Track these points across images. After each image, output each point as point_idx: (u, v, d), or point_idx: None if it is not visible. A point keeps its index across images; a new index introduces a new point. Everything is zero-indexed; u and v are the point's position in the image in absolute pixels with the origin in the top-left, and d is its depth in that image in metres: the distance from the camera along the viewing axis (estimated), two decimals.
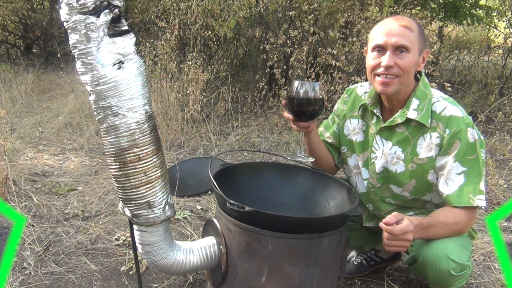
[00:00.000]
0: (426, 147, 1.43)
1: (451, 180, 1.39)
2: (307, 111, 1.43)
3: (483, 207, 1.41)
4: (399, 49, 1.36)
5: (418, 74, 1.49)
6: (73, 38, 1.08)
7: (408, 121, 1.45)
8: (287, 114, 1.46)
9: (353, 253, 1.93)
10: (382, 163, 1.52)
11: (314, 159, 1.54)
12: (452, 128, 1.38)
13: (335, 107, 1.73)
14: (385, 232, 1.24)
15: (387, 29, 1.39)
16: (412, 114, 1.43)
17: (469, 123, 1.39)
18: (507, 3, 5.98)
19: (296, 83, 1.40)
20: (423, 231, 1.31)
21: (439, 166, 1.42)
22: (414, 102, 1.44)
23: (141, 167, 1.18)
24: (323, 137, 1.71)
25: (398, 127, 1.48)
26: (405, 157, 1.48)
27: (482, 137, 1.42)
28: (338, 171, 1.81)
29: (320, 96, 1.40)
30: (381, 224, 1.24)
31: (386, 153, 1.51)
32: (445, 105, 1.42)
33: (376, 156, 1.54)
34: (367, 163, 1.60)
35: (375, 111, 1.53)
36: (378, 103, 1.54)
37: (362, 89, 1.62)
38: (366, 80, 1.62)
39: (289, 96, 1.43)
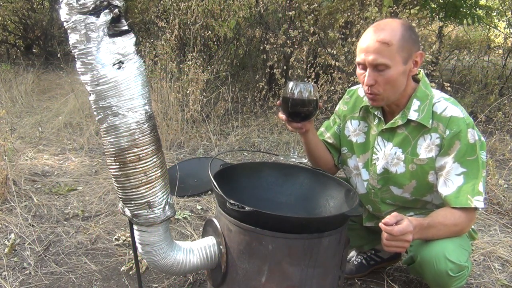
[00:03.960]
0: (426, 147, 1.43)
1: (450, 181, 1.39)
2: (301, 112, 1.42)
3: (480, 209, 1.40)
4: (378, 67, 1.35)
5: (418, 75, 1.49)
6: (73, 38, 1.08)
7: (408, 121, 1.45)
8: (281, 115, 1.46)
9: (353, 253, 1.93)
10: (382, 164, 1.52)
11: (307, 160, 1.53)
12: (452, 129, 1.37)
13: (337, 107, 1.72)
14: (384, 232, 1.24)
15: (365, 45, 1.36)
16: (413, 115, 1.43)
17: (469, 123, 1.38)
18: (507, 3, 5.98)
19: (291, 84, 1.39)
20: (423, 231, 1.31)
21: (439, 166, 1.42)
22: (415, 103, 1.44)
23: (141, 167, 1.18)
24: (323, 137, 1.71)
25: (399, 128, 1.48)
26: (405, 158, 1.47)
27: (482, 138, 1.42)
28: (339, 171, 1.81)
29: (314, 97, 1.39)
30: (380, 224, 1.24)
31: (386, 154, 1.51)
32: (446, 105, 1.41)
33: (377, 157, 1.54)
34: (367, 164, 1.59)
35: (376, 112, 1.53)
36: None
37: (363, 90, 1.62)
38: None
39: (283, 96, 1.42)
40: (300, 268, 1.23)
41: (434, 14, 4.95)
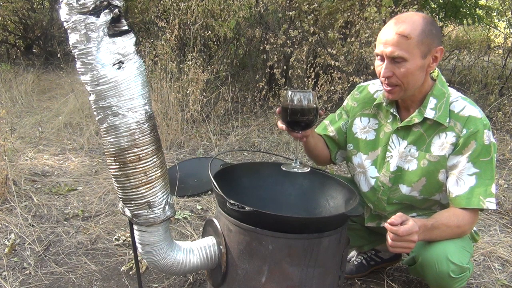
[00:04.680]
0: (440, 145, 1.42)
1: (462, 180, 1.38)
2: (301, 121, 1.37)
3: (490, 210, 1.38)
4: (395, 59, 1.33)
5: (432, 73, 1.46)
6: (73, 38, 1.08)
7: (424, 119, 1.43)
8: (280, 124, 1.40)
9: (353, 253, 1.93)
10: (396, 162, 1.50)
11: (309, 169, 1.48)
12: (469, 128, 1.36)
13: (345, 103, 1.69)
14: (390, 232, 1.22)
15: (384, 37, 1.35)
16: (429, 113, 1.41)
17: (486, 125, 1.37)
18: (507, 3, 5.98)
19: (289, 93, 1.35)
20: (427, 232, 1.30)
21: (451, 165, 1.41)
22: (432, 101, 1.42)
23: (141, 167, 1.18)
24: (326, 131, 1.68)
25: (415, 126, 1.46)
26: (419, 155, 1.46)
27: (495, 140, 1.41)
28: (343, 169, 1.80)
29: (314, 105, 1.35)
30: (386, 225, 1.23)
31: (401, 152, 1.49)
32: (464, 104, 1.40)
33: (391, 155, 1.52)
34: (376, 162, 1.57)
35: (391, 110, 1.50)
36: (394, 102, 1.51)
37: (374, 87, 1.60)
38: (366, 80, 1.62)
39: (282, 106, 1.37)
40: (300, 268, 1.23)
41: (434, 14, 4.95)
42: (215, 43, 4.76)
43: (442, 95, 1.42)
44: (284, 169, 1.44)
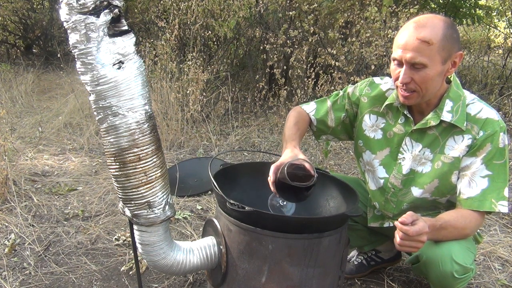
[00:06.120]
0: (456, 148, 1.40)
1: (474, 182, 1.37)
2: (301, 199, 1.31)
3: (502, 213, 1.36)
4: (415, 65, 1.29)
5: (449, 76, 1.45)
6: (73, 38, 1.08)
7: (440, 122, 1.41)
8: (273, 188, 1.32)
9: (353, 253, 1.93)
10: (409, 164, 1.48)
11: (294, 211, 1.39)
12: (487, 131, 1.35)
13: (350, 90, 1.62)
14: (400, 231, 1.20)
15: (404, 41, 1.29)
16: (446, 116, 1.39)
17: (502, 127, 1.36)
18: (507, 3, 5.98)
19: (287, 167, 1.27)
20: (434, 232, 1.28)
21: (463, 166, 1.39)
22: (448, 104, 1.40)
23: (141, 167, 1.18)
24: (325, 117, 1.61)
25: (430, 129, 1.44)
26: (433, 157, 1.44)
27: (508, 143, 1.40)
28: (343, 169, 1.80)
29: (314, 182, 1.26)
30: (396, 223, 1.21)
31: (415, 155, 1.47)
32: (481, 107, 1.39)
33: (403, 157, 1.50)
34: (385, 162, 1.55)
35: (404, 111, 1.47)
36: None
37: (386, 86, 1.56)
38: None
39: (279, 179, 1.28)
40: (300, 268, 1.23)
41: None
42: (215, 43, 4.76)
43: (458, 97, 1.40)
44: (271, 211, 1.36)
